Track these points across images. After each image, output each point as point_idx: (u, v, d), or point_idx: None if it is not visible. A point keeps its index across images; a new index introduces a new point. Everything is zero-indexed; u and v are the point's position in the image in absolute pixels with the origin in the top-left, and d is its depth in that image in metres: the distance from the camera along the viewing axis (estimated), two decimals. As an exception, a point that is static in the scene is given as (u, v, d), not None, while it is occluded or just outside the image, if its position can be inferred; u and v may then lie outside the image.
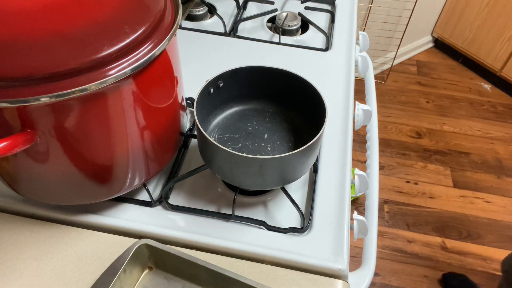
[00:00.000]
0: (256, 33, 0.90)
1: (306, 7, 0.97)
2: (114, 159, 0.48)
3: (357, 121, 0.77)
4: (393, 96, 2.13)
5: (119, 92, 0.42)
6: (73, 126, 0.42)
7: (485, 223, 1.63)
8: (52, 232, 0.55)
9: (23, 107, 0.38)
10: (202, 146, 0.55)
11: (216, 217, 0.57)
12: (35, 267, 0.52)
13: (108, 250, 0.54)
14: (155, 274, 0.53)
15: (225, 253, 0.55)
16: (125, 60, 0.40)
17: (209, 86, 0.57)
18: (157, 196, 0.59)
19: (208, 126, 0.62)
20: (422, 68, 2.29)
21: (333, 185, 0.62)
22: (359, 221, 0.63)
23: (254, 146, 0.60)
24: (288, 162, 0.50)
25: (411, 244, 1.56)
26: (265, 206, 0.59)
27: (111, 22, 0.40)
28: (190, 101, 0.70)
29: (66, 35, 0.37)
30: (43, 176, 0.47)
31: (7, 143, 0.38)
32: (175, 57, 0.50)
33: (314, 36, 0.91)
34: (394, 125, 1.99)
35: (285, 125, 0.63)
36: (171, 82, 0.50)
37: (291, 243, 0.55)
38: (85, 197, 0.52)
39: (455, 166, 1.83)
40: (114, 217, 0.56)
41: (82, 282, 0.51)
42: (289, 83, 0.59)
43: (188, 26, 0.90)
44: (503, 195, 1.72)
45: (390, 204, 1.69)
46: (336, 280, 0.53)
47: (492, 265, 1.51)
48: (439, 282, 1.46)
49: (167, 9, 0.46)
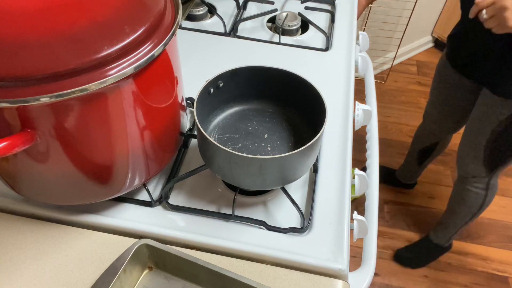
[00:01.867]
0: (256, 33, 0.90)
1: (306, 7, 0.97)
2: (114, 159, 0.48)
3: (357, 121, 0.77)
4: (393, 96, 2.13)
5: (119, 92, 0.42)
6: (73, 126, 0.42)
7: (485, 223, 1.63)
8: (52, 232, 0.55)
9: (23, 107, 0.38)
10: (202, 146, 0.55)
11: (216, 217, 0.57)
12: (35, 267, 0.52)
13: (108, 250, 0.54)
14: (155, 274, 0.53)
15: (225, 253, 0.55)
16: (125, 60, 0.40)
17: (209, 86, 0.57)
18: (157, 196, 0.59)
19: (208, 126, 0.62)
20: (422, 68, 2.29)
21: (333, 185, 0.62)
22: (359, 221, 0.63)
23: (254, 146, 0.60)
24: (288, 162, 0.50)
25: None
26: (265, 206, 0.59)
27: (111, 22, 0.40)
28: (190, 101, 0.70)
29: (66, 35, 0.37)
30: (43, 176, 0.47)
31: (7, 143, 0.38)
32: (175, 57, 0.50)
33: (314, 36, 0.91)
34: (394, 125, 1.99)
35: (285, 125, 0.63)
36: (171, 82, 0.50)
37: (291, 243, 0.55)
38: (85, 197, 0.52)
39: (455, 166, 1.82)
40: (114, 217, 0.56)
41: (82, 282, 0.51)
42: (289, 83, 0.59)
43: (188, 26, 0.90)
44: (503, 195, 1.72)
45: (390, 204, 1.69)
46: (336, 280, 0.53)
47: (492, 265, 1.51)
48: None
49: (167, 9, 0.46)
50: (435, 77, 1.26)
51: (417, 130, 1.49)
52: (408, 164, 1.61)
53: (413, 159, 1.56)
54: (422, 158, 1.53)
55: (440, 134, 1.38)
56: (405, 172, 1.66)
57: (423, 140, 1.46)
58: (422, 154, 1.51)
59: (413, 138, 1.53)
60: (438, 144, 1.43)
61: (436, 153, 1.48)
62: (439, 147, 1.45)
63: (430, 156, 1.50)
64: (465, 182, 1.23)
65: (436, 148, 1.45)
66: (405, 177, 1.68)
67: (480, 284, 1.46)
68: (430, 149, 1.47)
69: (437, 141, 1.42)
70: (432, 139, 1.42)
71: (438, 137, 1.40)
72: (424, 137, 1.45)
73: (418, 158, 1.54)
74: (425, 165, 1.57)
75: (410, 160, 1.59)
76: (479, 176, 1.18)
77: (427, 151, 1.48)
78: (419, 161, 1.55)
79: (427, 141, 1.45)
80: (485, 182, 1.19)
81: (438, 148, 1.45)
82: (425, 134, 1.44)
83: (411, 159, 1.58)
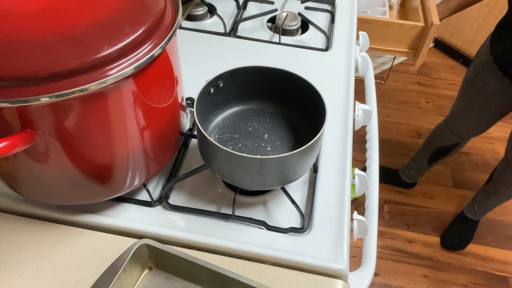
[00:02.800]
0: (256, 33, 0.90)
1: (306, 7, 0.97)
2: (114, 159, 0.48)
3: (357, 121, 0.77)
4: (393, 96, 2.13)
5: (119, 92, 0.42)
6: (73, 126, 0.42)
7: (484, 223, 1.63)
8: (52, 232, 0.55)
9: (23, 107, 0.38)
10: (202, 146, 0.55)
11: (216, 217, 0.57)
12: (35, 267, 0.52)
13: (108, 250, 0.54)
14: (155, 274, 0.53)
15: (225, 253, 0.55)
16: (125, 60, 0.40)
17: (209, 86, 0.57)
18: (157, 196, 0.59)
19: (208, 126, 0.62)
20: (422, 68, 2.29)
21: (333, 185, 0.62)
22: (359, 221, 0.63)
23: (254, 146, 0.60)
24: (288, 162, 0.50)
25: (411, 244, 1.56)
26: (265, 206, 0.59)
27: (111, 22, 0.40)
28: (190, 101, 0.70)
29: (66, 35, 0.38)
30: (43, 176, 0.47)
31: (7, 143, 0.38)
32: (175, 57, 0.50)
33: (314, 36, 0.91)
34: (394, 125, 1.99)
35: (285, 125, 0.63)
36: (171, 82, 0.50)
37: (291, 243, 0.55)
38: (85, 197, 0.52)
39: (455, 166, 1.82)
40: (114, 217, 0.56)
41: (82, 282, 0.51)
42: (289, 83, 0.59)
43: (188, 26, 0.90)
44: (503, 195, 1.72)
45: (390, 204, 1.69)
46: (336, 280, 0.53)
47: (492, 265, 1.51)
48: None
49: (167, 9, 0.46)
50: (468, 82, 1.20)
51: (437, 129, 1.44)
52: (417, 162, 1.58)
53: (424, 158, 1.53)
54: (436, 157, 1.49)
55: (467, 136, 1.34)
56: (410, 170, 1.63)
57: (444, 139, 1.41)
58: (437, 154, 1.48)
59: (430, 137, 1.48)
60: (458, 145, 1.40)
61: (453, 153, 1.44)
62: (458, 148, 1.41)
63: (446, 156, 1.46)
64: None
65: (455, 149, 1.42)
66: (409, 176, 1.66)
67: (480, 284, 1.46)
68: (448, 149, 1.43)
69: (459, 142, 1.38)
70: (455, 139, 1.38)
71: (462, 139, 1.36)
72: (445, 137, 1.40)
73: (430, 158, 1.50)
74: (434, 165, 1.55)
75: (419, 159, 1.56)
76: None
77: (443, 152, 1.45)
78: (431, 160, 1.51)
79: (448, 141, 1.40)
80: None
81: (457, 149, 1.42)
82: (448, 135, 1.38)
83: (421, 158, 1.54)
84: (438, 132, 1.44)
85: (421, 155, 1.55)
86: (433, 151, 1.48)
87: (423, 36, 1.21)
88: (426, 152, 1.51)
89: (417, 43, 1.24)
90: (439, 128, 1.43)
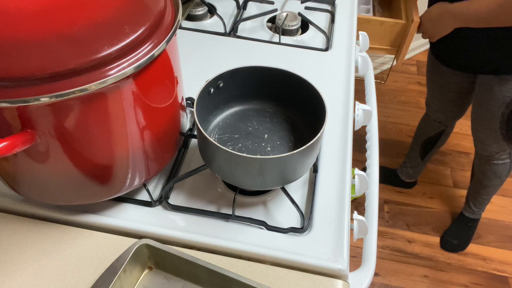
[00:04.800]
0: (256, 33, 0.90)
1: (306, 7, 0.97)
2: (114, 159, 0.48)
3: (357, 121, 0.77)
4: (393, 96, 2.13)
5: (119, 92, 0.42)
6: (73, 126, 0.42)
7: (484, 223, 1.63)
8: (52, 232, 0.55)
9: (23, 107, 0.38)
10: (202, 146, 0.55)
11: (216, 217, 0.57)
12: (35, 267, 0.52)
13: (108, 250, 0.54)
14: (155, 274, 0.53)
15: (225, 253, 0.55)
16: (125, 60, 0.40)
17: (209, 86, 0.57)
18: (157, 196, 0.59)
19: (208, 126, 0.62)
20: (422, 68, 2.28)
21: (333, 185, 0.62)
22: (359, 221, 0.63)
23: (254, 146, 0.60)
24: (288, 162, 0.50)
25: (411, 244, 1.56)
26: (265, 206, 0.59)
27: (111, 22, 0.40)
28: (190, 101, 0.70)
29: (66, 35, 0.37)
30: (43, 176, 0.47)
31: (7, 143, 0.38)
32: (175, 57, 0.50)
33: (314, 36, 0.91)
34: (394, 125, 1.99)
35: (285, 125, 0.63)
36: (171, 82, 0.50)
37: (291, 243, 0.55)
38: (85, 197, 0.52)
39: (455, 166, 1.83)
40: (114, 217, 0.56)
41: (82, 282, 0.51)
42: (289, 83, 0.59)
43: (188, 26, 0.90)
44: (503, 195, 1.72)
45: (390, 204, 1.69)
46: (336, 280, 0.53)
47: (492, 265, 1.51)
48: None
49: (167, 9, 0.46)
50: (428, 68, 1.32)
51: (421, 122, 1.52)
52: (411, 159, 1.62)
53: (416, 153, 1.58)
54: (425, 150, 1.55)
55: (446, 120, 1.41)
56: (407, 168, 1.66)
57: (428, 130, 1.48)
58: (426, 146, 1.53)
59: (416, 131, 1.55)
60: (443, 132, 1.46)
61: (440, 143, 1.50)
62: (443, 137, 1.48)
63: (434, 147, 1.52)
64: (491, 159, 1.30)
65: (440, 138, 1.48)
66: (407, 175, 1.68)
67: (480, 284, 1.46)
68: (434, 139, 1.49)
69: (443, 129, 1.45)
70: (438, 127, 1.45)
71: (444, 124, 1.43)
72: (429, 126, 1.47)
73: (421, 151, 1.56)
74: (428, 159, 1.59)
75: (412, 155, 1.61)
76: (502, 150, 1.25)
77: (431, 142, 1.51)
78: (423, 154, 1.57)
79: (432, 130, 1.47)
80: (508, 152, 1.27)
81: (442, 138, 1.48)
82: (430, 124, 1.46)
83: (414, 154, 1.60)
84: (422, 124, 1.51)
85: (413, 151, 1.60)
86: (422, 143, 1.54)
87: (404, 33, 1.24)
88: (416, 146, 1.57)
89: (399, 41, 1.27)
90: (422, 120, 1.51)
